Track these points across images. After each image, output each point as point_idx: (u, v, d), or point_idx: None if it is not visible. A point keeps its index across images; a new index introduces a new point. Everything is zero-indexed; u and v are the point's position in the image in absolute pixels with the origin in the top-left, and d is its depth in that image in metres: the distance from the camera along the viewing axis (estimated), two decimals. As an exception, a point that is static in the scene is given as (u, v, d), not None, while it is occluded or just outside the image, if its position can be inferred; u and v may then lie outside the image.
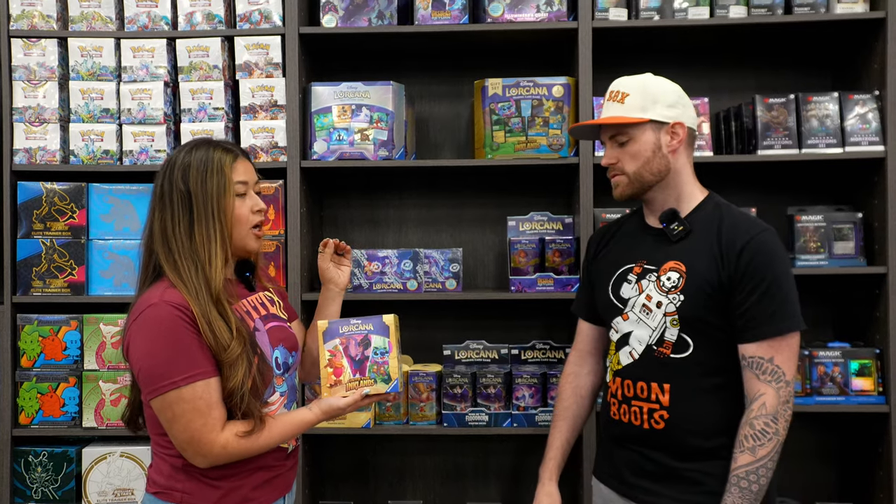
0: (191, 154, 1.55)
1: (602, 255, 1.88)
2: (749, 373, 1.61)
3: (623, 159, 1.72)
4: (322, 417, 1.59)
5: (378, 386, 1.62)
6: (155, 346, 1.44)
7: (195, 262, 1.49)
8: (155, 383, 1.44)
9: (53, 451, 2.45)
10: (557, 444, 1.90)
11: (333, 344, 1.63)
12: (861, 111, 2.42)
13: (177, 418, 1.44)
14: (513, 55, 2.71)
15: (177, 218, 1.51)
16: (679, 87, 1.75)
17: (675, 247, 1.70)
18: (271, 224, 2.45)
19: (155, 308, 1.45)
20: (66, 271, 2.45)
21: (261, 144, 2.47)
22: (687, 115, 1.72)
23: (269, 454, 1.56)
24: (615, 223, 1.93)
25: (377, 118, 2.45)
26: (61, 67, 2.52)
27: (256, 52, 2.48)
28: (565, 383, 1.95)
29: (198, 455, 1.47)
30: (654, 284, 1.70)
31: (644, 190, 1.73)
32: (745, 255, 1.61)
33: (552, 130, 2.46)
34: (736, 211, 1.72)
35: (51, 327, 2.45)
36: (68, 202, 2.47)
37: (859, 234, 2.43)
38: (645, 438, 1.70)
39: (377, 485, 2.77)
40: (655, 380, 1.68)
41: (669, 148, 1.70)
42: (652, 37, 2.53)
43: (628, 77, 1.76)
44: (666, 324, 1.67)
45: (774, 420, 1.58)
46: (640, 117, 1.68)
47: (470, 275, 2.75)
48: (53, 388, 2.44)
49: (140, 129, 2.48)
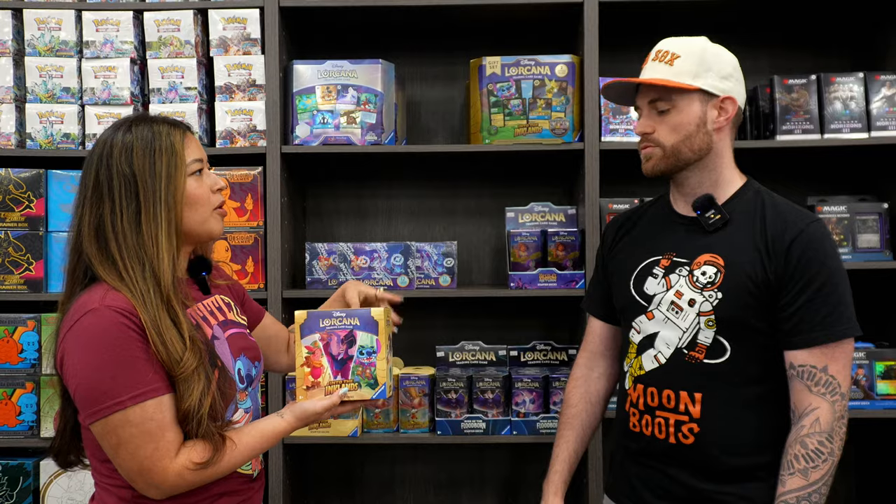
0: (131, 132, 1.34)
1: (621, 247, 1.70)
2: (799, 383, 1.45)
3: (660, 129, 1.55)
4: (296, 425, 1.40)
5: (362, 391, 1.42)
6: (95, 359, 1.24)
7: (141, 260, 1.30)
8: (97, 404, 1.24)
9: (8, 463, 2.31)
10: (564, 455, 1.73)
11: (312, 339, 1.44)
12: (888, 93, 2.29)
13: (123, 444, 1.25)
14: (512, 32, 2.58)
15: (119, 209, 1.31)
16: (736, 59, 1.58)
17: (711, 238, 1.54)
18: (249, 215, 2.31)
19: (95, 314, 1.25)
20: (22, 266, 2.32)
21: (238, 128, 2.33)
22: (738, 91, 1.56)
23: (232, 479, 1.38)
24: (637, 210, 1.76)
25: (365, 100, 2.32)
26: (16, 42, 2.36)
27: (233, 27, 2.34)
28: (573, 388, 1.78)
29: (150, 486, 1.27)
30: (685, 279, 1.54)
31: (678, 168, 1.56)
32: (795, 249, 1.45)
33: (555, 113, 2.31)
34: (779, 199, 1.56)
35: (5, 328, 2.31)
36: (25, 190, 2.32)
37: (885, 225, 2.31)
38: (670, 455, 1.53)
39: (364, 497, 2.66)
40: (685, 388, 1.51)
41: (716, 125, 1.53)
42: (661, 12, 2.40)
43: (681, 38, 1.57)
44: (700, 324, 1.51)
45: (830, 439, 1.42)
46: (690, 84, 1.51)
47: (465, 270, 2.64)
48: (8, 395, 2.31)
49: (104, 110, 2.33)
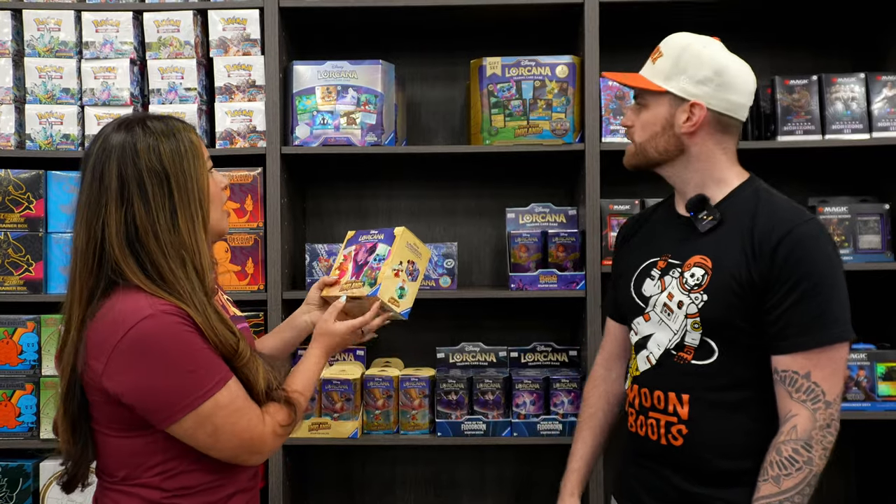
0: (149, 132, 1.33)
1: (627, 248, 1.69)
2: (781, 389, 1.41)
3: (636, 125, 1.55)
4: (323, 346, 1.53)
5: (363, 289, 1.56)
6: (167, 361, 1.25)
7: (182, 258, 1.29)
8: (180, 402, 1.26)
9: (8, 465, 2.30)
10: (580, 454, 1.71)
11: (349, 249, 1.65)
12: (889, 94, 2.28)
13: (221, 428, 1.29)
14: (513, 33, 2.57)
15: (154, 209, 1.29)
16: (729, 64, 1.49)
17: (703, 239, 1.50)
18: (249, 216, 2.31)
19: (153, 320, 1.24)
20: (21, 267, 2.31)
21: (237, 129, 2.32)
22: (717, 98, 1.48)
23: (244, 475, 1.41)
24: (648, 210, 1.73)
25: (365, 100, 2.31)
26: (15, 42, 2.35)
27: (232, 27, 2.33)
28: (592, 388, 1.77)
29: (254, 455, 1.35)
30: (676, 281, 1.51)
31: (649, 165, 1.56)
32: (781, 250, 1.40)
33: (556, 114, 2.30)
34: (778, 198, 1.50)
35: (5, 329, 2.30)
36: (24, 191, 2.31)
37: (886, 226, 2.30)
38: (664, 456, 1.51)
39: (365, 499, 2.65)
40: (673, 389, 1.50)
41: (683, 129, 1.49)
42: (661, 13, 2.39)
43: (680, 35, 1.54)
44: (687, 327, 1.48)
45: (807, 447, 1.37)
46: (658, 85, 1.50)
47: (465, 271, 2.63)
48: (8, 396, 2.30)
49: (104, 111, 2.32)
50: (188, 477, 1.32)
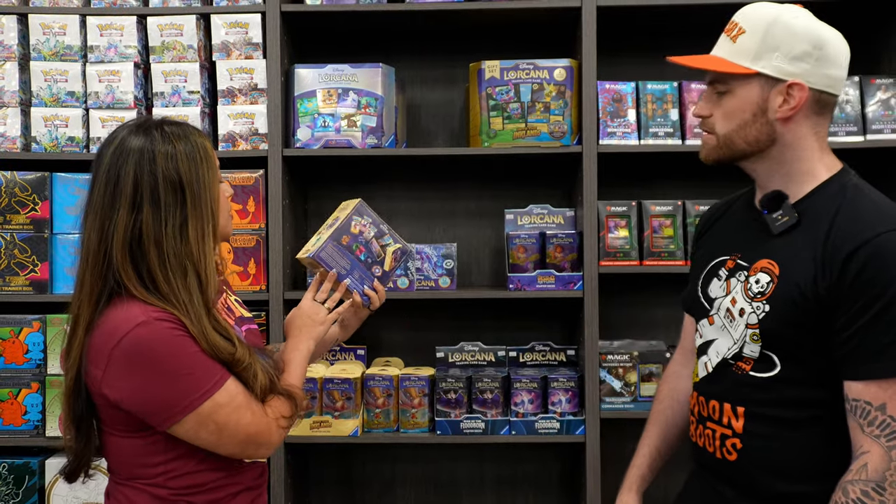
0: (166, 138, 1.33)
1: (704, 240, 1.54)
2: (853, 421, 1.24)
3: (717, 114, 1.36)
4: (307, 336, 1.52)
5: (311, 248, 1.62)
6: (163, 365, 1.26)
7: (184, 267, 1.30)
8: (180, 403, 1.27)
9: (14, 462, 2.32)
10: (645, 451, 1.59)
11: None
12: (884, 97, 2.31)
13: (223, 425, 1.30)
14: (511, 36, 2.59)
15: (164, 216, 1.29)
16: (826, 34, 1.31)
17: (776, 242, 1.33)
18: (251, 217, 2.34)
19: (147, 326, 1.26)
20: (27, 268, 2.33)
21: (240, 131, 2.34)
22: (817, 74, 1.30)
23: (250, 473, 1.42)
24: (728, 200, 1.55)
25: (365, 103, 2.33)
26: (21, 46, 2.37)
27: (235, 31, 2.35)
28: (663, 384, 1.65)
29: (261, 447, 1.37)
30: (741, 286, 1.36)
31: (735, 158, 1.37)
32: (854, 262, 1.22)
33: (553, 117, 2.33)
34: (866, 199, 1.30)
35: (11, 328, 2.32)
36: (30, 193, 2.34)
37: (880, 228, 2.28)
38: (719, 469, 1.40)
39: (365, 497, 2.66)
40: (728, 400, 1.37)
41: (778, 114, 1.30)
42: (658, 16, 2.41)
43: (760, 5, 1.35)
44: (746, 338, 1.33)
45: (878, 489, 1.20)
46: (747, 67, 1.30)
47: (465, 272, 2.64)
48: (14, 395, 2.32)
49: (108, 113, 2.35)
50: (193, 476, 1.33)
